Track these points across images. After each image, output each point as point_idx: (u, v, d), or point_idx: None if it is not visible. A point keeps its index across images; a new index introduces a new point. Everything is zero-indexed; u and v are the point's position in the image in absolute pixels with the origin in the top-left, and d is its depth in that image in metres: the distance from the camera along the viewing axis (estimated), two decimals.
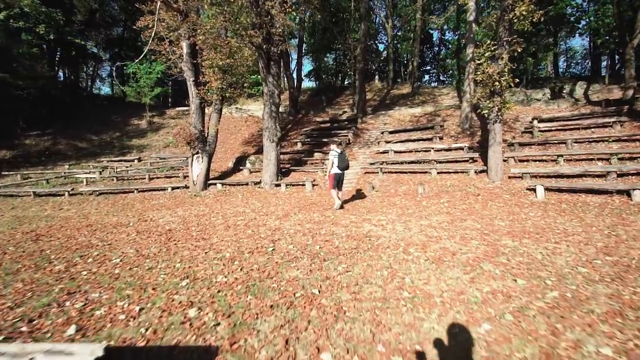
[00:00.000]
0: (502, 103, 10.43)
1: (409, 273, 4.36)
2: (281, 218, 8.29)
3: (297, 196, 11.69)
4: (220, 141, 21.52)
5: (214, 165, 17.59)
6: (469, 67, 15.45)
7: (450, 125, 16.47)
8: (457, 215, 7.94)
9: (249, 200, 11.27)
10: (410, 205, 9.46)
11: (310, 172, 14.44)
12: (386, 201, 10.14)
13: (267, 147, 13.35)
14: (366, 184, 12.34)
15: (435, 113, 18.69)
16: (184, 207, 10.62)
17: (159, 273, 4.64)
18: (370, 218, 7.94)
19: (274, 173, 13.28)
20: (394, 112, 20.34)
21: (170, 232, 7.30)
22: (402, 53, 29.45)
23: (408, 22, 29.08)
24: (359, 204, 9.83)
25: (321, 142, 17.63)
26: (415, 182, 12.04)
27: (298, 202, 10.59)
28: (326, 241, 6.04)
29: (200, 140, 13.70)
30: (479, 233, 6.25)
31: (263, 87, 13.46)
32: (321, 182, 13.24)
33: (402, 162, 13.60)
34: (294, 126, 21.69)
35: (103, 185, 15.01)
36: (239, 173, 15.76)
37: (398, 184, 12.03)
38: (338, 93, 28.59)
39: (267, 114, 13.23)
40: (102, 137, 22.91)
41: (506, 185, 10.56)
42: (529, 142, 12.92)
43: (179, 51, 13.72)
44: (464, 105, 15.68)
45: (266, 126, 13.29)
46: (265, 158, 13.41)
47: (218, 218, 8.59)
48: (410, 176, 12.67)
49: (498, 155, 10.96)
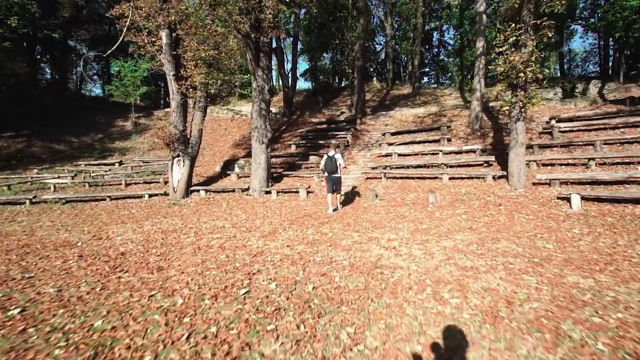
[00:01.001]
0: (527, 98, 8.82)
1: (456, 348, 2.70)
2: (267, 236, 6.61)
3: (290, 205, 10.02)
4: (208, 143, 19.89)
5: (200, 170, 15.91)
6: (479, 63, 13.90)
7: (458, 126, 14.89)
8: (484, 233, 6.31)
9: (233, 211, 9.58)
10: (422, 217, 7.83)
11: (305, 178, 12.78)
12: (393, 212, 8.49)
13: (256, 149, 11.68)
14: (368, 191, 10.70)
15: (440, 113, 17.12)
16: (155, 219, 8.91)
17: (57, 343, 2.94)
18: (378, 236, 6.28)
19: (263, 178, 11.60)
20: (395, 113, 18.76)
21: (123, 256, 5.60)
22: (401, 52, 27.94)
23: (408, 20, 27.62)
24: (362, 217, 8.17)
25: (317, 144, 15.98)
26: (424, 188, 10.41)
27: (290, 213, 8.92)
28: (322, 275, 4.38)
29: (181, 141, 12.01)
30: (527, 262, 4.60)
31: (252, 81, 11.80)
32: (317, 189, 11.59)
33: (408, 166, 11.97)
34: (288, 127, 20.04)
35: (73, 192, 13.24)
36: (226, 178, 14.06)
37: (405, 191, 10.39)
38: (335, 94, 27.00)
39: (256, 112, 11.57)
40: (83, 139, 21.14)
41: (531, 194, 8.94)
42: (549, 144, 11.34)
43: (159, 42, 12.07)
44: (474, 104, 14.11)
45: (255, 125, 11.63)
46: (254, 162, 11.74)
47: (189, 235, 6.89)
48: (417, 182, 11.04)
49: (520, 159, 9.35)
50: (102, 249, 6.08)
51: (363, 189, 11.10)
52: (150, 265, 5.05)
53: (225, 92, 22.28)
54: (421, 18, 23.34)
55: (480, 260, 4.72)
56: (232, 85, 24.93)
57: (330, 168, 8.66)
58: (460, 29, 23.23)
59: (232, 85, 25.37)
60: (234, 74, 15.93)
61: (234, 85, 24.75)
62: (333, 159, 8.69)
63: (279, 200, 10.86)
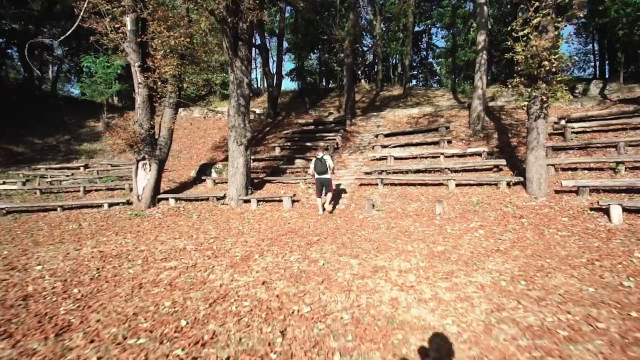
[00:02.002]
0: (551, 91, 7.35)
1: None
2: (237, 265, 4.91)
3: (271, 217, 8.33)
4: (186, 146, 18.03)
5: (173, 175, 14.07)
6: (481, 58, 12.51)
7: (457, 127, 13.46)
8: (520, 258, 4.79)
9: (203, 225, 7.83)
10: (432, 234, 6.28)
11: (290, 184, 11.09)
12: (395, 227, 6.91)
13: (233, 151, 9.94)
14: (363, 200, 9.10)
15: (436, 114, 15.69)
16: (103, 236, 7.08)
17: None
18: (385, 265, 4.67)
19: (242, 185, 9.86)
20: (387, 114, 17.26)
21: (24, 302, 3.82)
22: (390, 53, 26.57)
23: (397, 20, 26.30)
24: (359, 233, 6.55)
25: (304, 146, 14.32)
26: (428, 197, 8.85)
27: (271, 228, 7.24)
28: (313, 347, 2.71)
29: (147, 142, 10.17)
30: (621, 316, 3.03)
31: (229, 74, 10.08)
32: (303, 197, 9.91)
33: (407, 170, 10.41)
34: (272, 129, 18.32)
35: (20, 200, 11.24)
36: (201, 184, 12.26)
37: (405, 200, 8.81)
38: (323, 95, 25.39)
39: (234, 109, 9.84)
40: (47, 140, 18.95)
41: (556, 203, 7.47)
42: (564, 146, 9.96)
43: (123, 29, 10.24)
44: (475, 103, 12.70)
45: (232, 124, 9.89)
46: (231, 165, 9.99)
47: (135, 264, 5.12)
48: (419, 189, 9.47)
49: (541, 163, 7.89)
50: (2, 287, 4.27)
51: (357, 197, 9.48)
52: (53, 322, 3.29)
53: (205, 92, 20.51)
54: (412, 16, 22.01)
55: (548, 315, 3.13)
56: (213, 84, 23.13)
57: (320, 169, 8.31)
58: (453, 28, 21.97)
59: (212, 84, 23.58)
60: (214, 71, 14.24)
61: (214, 84, 22.95)
62: (322, 160, 8.34)
63: (260, 210, 9.13)
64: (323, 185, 8.40)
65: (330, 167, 8.44)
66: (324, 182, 8.37)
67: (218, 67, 18.58)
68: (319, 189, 8.44)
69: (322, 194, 8.50)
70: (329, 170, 8.36)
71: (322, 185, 8.40)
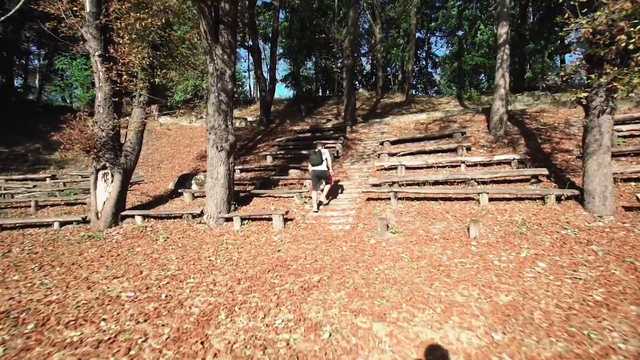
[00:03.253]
0: (626, 76, 5.52)
1: None
2: (186, 335, 2.94)
3: (257, 242, 6.36)
4: (169, 155, 16.07)
5: (149, 187, 12.08)
6: (502, 53, 10.80)
7: (474, 132, 11.66)
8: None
9: (164, 254, 5.85)
10: (477, 269, 4.47)
11: (283, 199, 9.14)
12: (423, 256, 5.01)
13: (212, 158, 8.00)
14: (373, 218, 7.18)
15: (447, 119, 13.91)
16: (18, 271, 5.07)
17: None
18: (436, 338, 2.74)
19: (222, 200, 7.90)
20: (391, 120, 15.48)
21: None
22: (391, 59, 25.00)
23: (399, 24, 24.85)
24: (375, 268, 4.63)
25: (299, 155, 12.43)
26: (455, 214, 6.94)
27: (253, 260, 5.28)
28: None
29: (109, 147, 8.22)
30: None
31: (208, 64, 8.21)
32: (299, 214, 7.95)
33: (424, 182, 8.51)
34: (264, 137, 16.43)
35: None
36: (179, 198, 10.26)
37: (427, 219, 6.88)
38: (319, 103, 23.69)
39: (214, 106, 7.95)
40: (15, 149, 16.91)
41: (633, 224, 5.59)
42: (615, 152, 8.12)
43: (82, 12, 8.42)
44: (497, 105, 10.92)
45: (211, 125, 7.98)
46: (210, 176, 8.04)
47: (18, 332, 3.12)
48: (442, 205, 7.55)
49: (606, 171, 6.04)
50: None
51: (365, 214, 7.53)
52: None
53: (190, 95, 18.65)
54: (414, 18, 20.49)
55: None
56: (201, 88, 21.30)
57: (315, 160, 8.00)
58: (459, 31, 20.46)
59: (200, 89, 21.74)
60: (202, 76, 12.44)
61: (202, 90, 21.11)
62: (319, 152, 8.07)
63: (243, 232, 7.15)
64: (319, 178, 8.07)
65: (328, 160, 8.03)
66: (319, 174, 8.02)
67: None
68: (315, 182, 8.05)
69: (319, 188, 8.11)
70: (325, 162, 7.99)
71: (319, 178, 8.06)
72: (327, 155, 8.08)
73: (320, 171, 7.99)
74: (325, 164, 8.00)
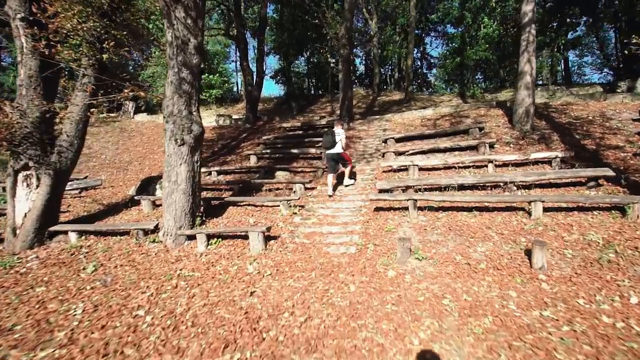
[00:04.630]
0: None
1: None
2: None
3: (222, 278, 4.33)
4: (139, 155, 13.90)
5: (106, 193, 9.94)
6: (528, 34, 8.97)
7: (493, 127, 9.80)
8: None
9: (77, 298, 3.80)
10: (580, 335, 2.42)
11: (266, 208, 7.10)
12: (478, 307, 3.09)
13: (170, 155, 5.95)
14: (386, 235, 5.21)
15: (458, 114, 12.04)
16: None
17: None
18: None
19: (184, 211, 5.85)
20: (393, 116, 13.57)
21: None
22: (388, 55, 23.15)
23: (396, 19, 23.09)
24: (414, 340, 2.62)
25: (289, 154, 10.42)
26: (500, 230, 4.99)
27: (206, 320, 3.26)
28: None
29: (34, 141, 6.09)
30: None
31: (165, 30, 6.17)
32: (285, 230, 5.92)
33: (446, 186, 6.56)
34: (250, 135, 14.37)
35: None
36: (137, 207, 8.14)
37: (461, 237, 4.93)
38: (312, 101, 21.71)
39: (173, 86, 5.91)
40: None
41: None
42: None
43: None
44: (522, 95, 9.07)
45: (169, 111, 5.92)
46: (167, 179, 5.99)
47: None
48: (479, 216, 5.58)
49: None
50: None
51: (375, 230, 5.53)
52: None
53: None
54: (414, 10, 18.70)
55: None
56: None
57: (329, 142, 7.22)
58: (462, 24, 18.69)
59: None
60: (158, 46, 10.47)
61: None
62: (332, 132, 7.27)
63: (208, 257, 5.09)
64: (335, 162, 7.35)
65: (342, 142, 7.23)
66: (335, 157, 7.30)
67: None
68: (331, 165, 7.32)
69: (336, 171, 7.39)
70: (338, 144, 7.19)
71: (335, 162, 7.34)
72: (343, 135, 7.27)
73: (336, 154, 7.24)
74: (340, 145, 7.19)
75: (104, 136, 16.11)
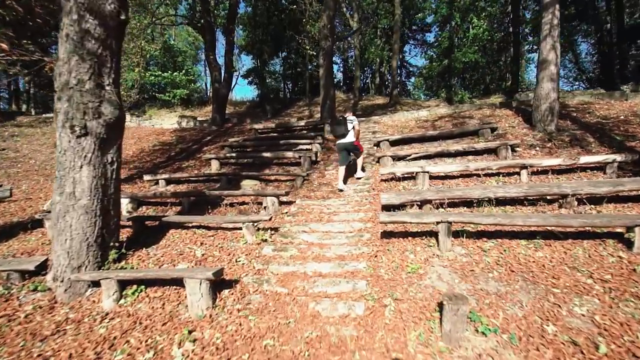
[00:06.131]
0: None
1: None
2: None
3: None
4: None
5: (14, 207, 7.41)
6: (551, 16, 7.39)
7: (507, 128, 8.12)
8: None
9: None
10: None
11: (223, 232, 4.93)
12: None
13: (64, 151, 3.75)
14: (410, 279, 3.19)
15: (459, 115, 10.35)
16: None
17: None
18: None
19: (87, 241, 3.65)
20: (381, 119, 11.78)
21: None
22: (369, 59, 21.57)
23: (376, 24, 21.69)
24: None
25: (260, 159, 8.31)
26: (589, 270, 3.12)
27: None
28: None
29: None
30: None
31: None
32: (250, 270, 3.80)
33: (478, 200, 4.64)
34: (216, 138, 12.13)
35: None
36: (39, 230, 5.75)
37: (535, 285, 3.02)
38: (288, 104, 19.69)
39: (71, 43, 3.74)
40: None
41: None
42: None
43: None
44: (546, 88, 7.43)
45: (64, 80, 3.74)
46: (58, 191, 3.78)
47: None
48: (547, 248, 3.65)
49: None
50: None
51: (390, 270, 3.49)
52: None
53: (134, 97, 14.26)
54: (399, 9, 17.22)
55: None
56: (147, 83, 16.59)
57: (340, 130, 6.35)
58: (449, 23, 17.37)
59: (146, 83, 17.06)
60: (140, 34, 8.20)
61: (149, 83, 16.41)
62: (344, 120, 6.41)
63: (114, 323, 2.87)
64: (347, 152, 6.45)
65: (355, 129, 6.34)
66: (348, 147, 6.40)
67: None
68: (343, 156, 6.42)
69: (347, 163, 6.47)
70: (351, 132, 6.32)
71: (347, 152, 6.45)
72: (356, 122, 6.48)
73: (349, 144, 6.43)
74: (352, 134, 6.40)
75: (40, 138, 13.35)
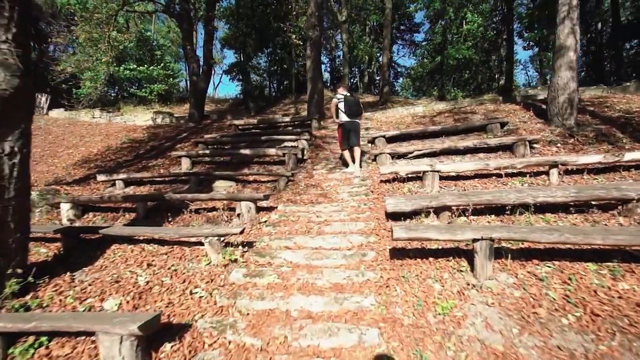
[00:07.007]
0: None
1: None
2: None
3: None
4: (33, 160, 9.78)
5: None
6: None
7: (518, 123, 7.20)
8: None
9: None
10: None
11: (180, 248, 3.76)
12: None
13: None
14: (442, 327, 2.14)
15: (460, 110, 9.42)
16: None
17: None
18: None
19: None
20: (374, 115, 10.79)
21: None
22: (358, 55, 20.61)
23: (365, 21, 20.80)
24: None
25: (238, 157, 7.17)
26: None
27: None
28: None
29: None
30: None
31: None
32: (209, 307, 2.65)
33: (515, 206, 3.60)
34: (191, 135, 10.88)
35: None
36: None
37: (636, 337, 2.00)
38: (273, 102, 18.51)
39: None
40: None
41: None
42: None
43: None
44: (565, 77, 6.50)
45: None
46: None
47: None
48: (624, 276, 2.68)
49: None
50: None
51: (411, 311, 2.38)
52: None
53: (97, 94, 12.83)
54: (390, 2, 16.30)
55: None
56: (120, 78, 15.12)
57: (353, 109, 5.87)
58: (442, 18, 16.56)
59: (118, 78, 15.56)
60: None
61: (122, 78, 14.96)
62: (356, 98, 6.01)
63: None
64: (356, 133, 5.90)
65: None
66: (357, 127, 5.95)
67: None
68: (347, 137, 5.86)
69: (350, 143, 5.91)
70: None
71: (356, 133, 5.90)
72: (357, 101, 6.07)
73: (358, 124, 6.03)
74: None
75: None
